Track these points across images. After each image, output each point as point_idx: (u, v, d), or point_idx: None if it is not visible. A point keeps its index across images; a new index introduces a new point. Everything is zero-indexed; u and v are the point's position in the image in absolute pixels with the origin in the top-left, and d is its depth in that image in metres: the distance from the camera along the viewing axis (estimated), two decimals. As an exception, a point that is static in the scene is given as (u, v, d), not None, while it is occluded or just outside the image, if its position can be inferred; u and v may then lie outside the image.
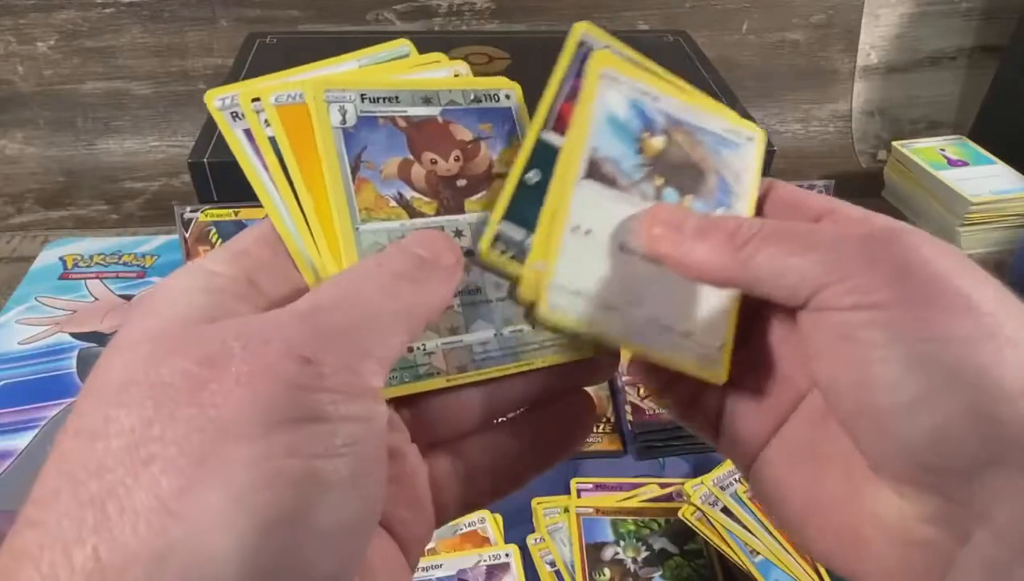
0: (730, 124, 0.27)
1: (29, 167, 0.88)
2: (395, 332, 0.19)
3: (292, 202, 0.22)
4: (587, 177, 0.24)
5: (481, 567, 0.47)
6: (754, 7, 0.93)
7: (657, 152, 0.25)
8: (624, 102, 0.25)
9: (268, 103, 0.23)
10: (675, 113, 0.26)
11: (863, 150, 0.98)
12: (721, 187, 0.25)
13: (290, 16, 0.88)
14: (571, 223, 0.23)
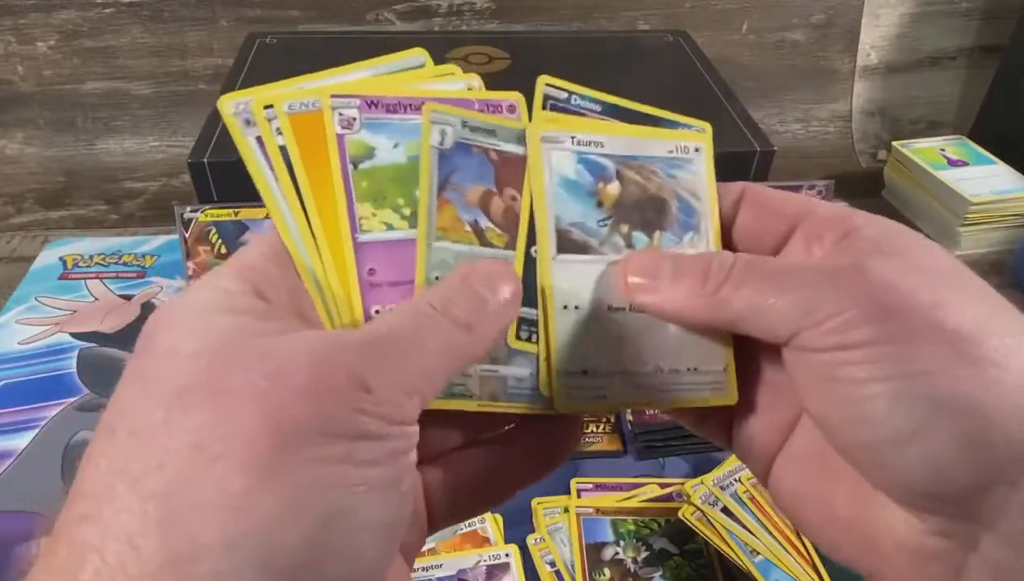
0: (673, 143, 0.27)
1: (29, 167, 0.88)
2: (440, 373, 0.20)
3: (300, 214, 0.22)
4: (560, 252, 0.24)
5: (481, 567, 0.47)
6: (754, 7, 0.93)
7: (615, 198, 0.25)
8: (570, 160, 0.25)
9: (281, 111, 0.22)
10: (621, 152, 0.26)
11: (863, 150, 0.98)
12: (684, 210, 0.26)
13: (290, 16, 0.88)
14: (559, 304, 0.24)
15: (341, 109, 0.23)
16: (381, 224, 0.22)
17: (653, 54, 0.77)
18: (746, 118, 0.65)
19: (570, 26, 0.92)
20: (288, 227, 0.22)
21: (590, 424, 0.57)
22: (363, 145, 0.23)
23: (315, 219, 0.22)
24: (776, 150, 0.62)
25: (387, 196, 0.23)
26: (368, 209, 0.22)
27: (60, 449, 0.54)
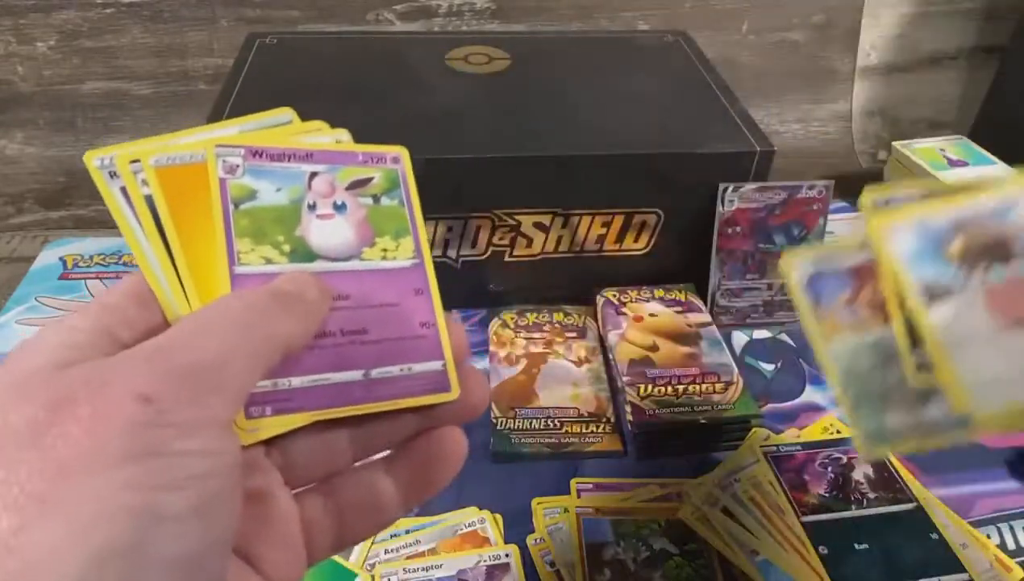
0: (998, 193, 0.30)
1: (29, 167, 0.88)
2: (246, 366, 0.20)
3: (164, 256, 0.23)
4: (931, 301, 0.28)
5: (481, 567, 0.47)
6: (754, 7, 0.93)
7: (961, 251, 0.28)
8: (912, 235, 0.29)
9: (148, 164, 0.24)
10: (956, 216, 0.29)
11: (863, 150, 0.98)
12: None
13: (290, 16, 0.88)
14: (952, 345, 0.27)
15: (225, 157, 0.25)
16: (260, 258, 0.24)
17: (653, 54, 0.77)
18: (746, 118, 0.65)
19: (570, 26, 0.92)
20: (152, 269, 0.23)
21: (590, 424, 0.57)
22: (245, 188, 0.25)
23: (180, 259, 0.23)
24: (776, 150, 0.62)
25: (267, 233, 0.24)
26: (248, 244, 0.24)
27: (60, 449, 0.54)
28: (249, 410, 0.23)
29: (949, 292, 0.28)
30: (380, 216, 0.27)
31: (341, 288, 0.25)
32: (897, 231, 0.29)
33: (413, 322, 0.26)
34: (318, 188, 0.26)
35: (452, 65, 0.72)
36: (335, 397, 0.24)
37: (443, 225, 0.62)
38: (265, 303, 0.22)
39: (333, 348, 0.24)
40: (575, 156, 0.60)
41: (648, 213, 0.64)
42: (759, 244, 0.64)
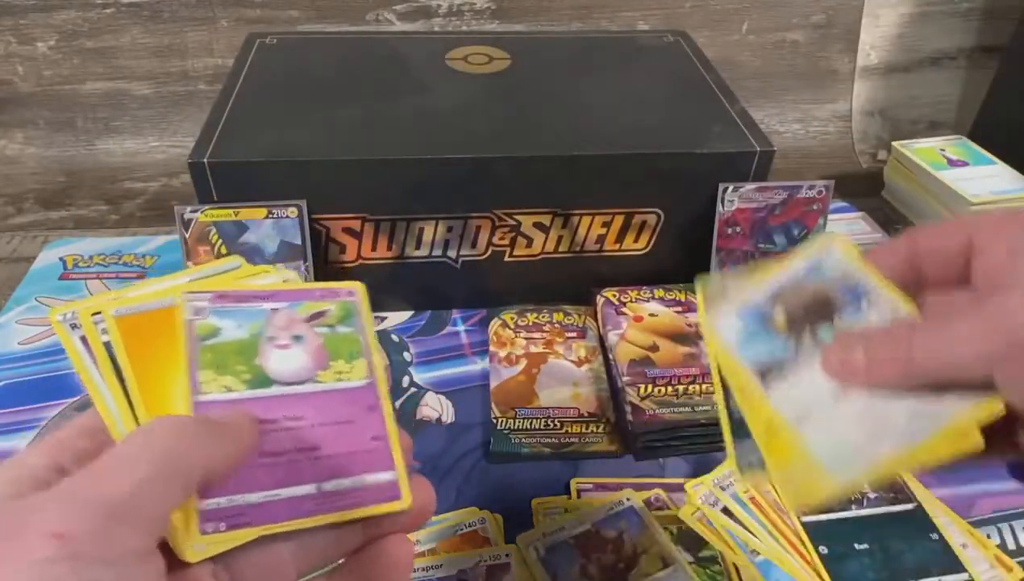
0: (808, 254, 0.31)
1: (29, 167, 0.88)
2: (161, 495, 0.21)
3: (120, 396, 0.25)
4: (765, 381, 0.28)
5: (481, 567, 0.47)
6: (754, 7, 0.93)
7: (784, 320, 0.29)
8: (736, 319, 0.30)
9: (108, 314, 0.26)
10: (774, 288, 0.30)
11: (863, 150, 0.98)
12: (846, 290, 0.29)
13: (290, 16, 0.88)
14: (792, 420, 0.27)
15: (192, 302, 0.27)
16: (221, 387, 0.26)
17: (653, 54, 0.77)
18: (746, 118, 0.65)
19: (570, 26, 0.92)
20: (108, 407, 0.25)
21: (590, 424, 0.57)
22: (210, 327, 0.27)
23: (136, 397, 0.25)
24: (776, 150, 0.62)
25: (228, 364, 0.27)
26: (210, 375, 0.26)
27: (60, 449, 0.54)
28: (204, 526, 0.24)
29: (783, 367, 0.28)
30: (336, 342, 0.29)
31: (296, 409, 0.27)
32: (723, 317, 0.30)
33: (365, 436, 0.28)
34: (277, 322, 0.28)
35: (452, 65, 0.72)
36: (288, 511, 0.25)
37: (443, 225, 0.62)
38: (187, 429, 0.23)
39: (286, 465, 0.26)
40: (575, 156, 0.60)
41: (648, 213, 0.64)
42: (759, 244, 0.64)
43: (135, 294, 0.27)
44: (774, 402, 0.27)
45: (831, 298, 0.29)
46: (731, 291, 0.31)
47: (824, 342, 0.28)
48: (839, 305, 0.29)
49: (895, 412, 0.26)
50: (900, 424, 0.26)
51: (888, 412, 0.26)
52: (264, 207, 0.57)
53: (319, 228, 0.61)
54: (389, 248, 0.63)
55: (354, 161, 0.58)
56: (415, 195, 0.60)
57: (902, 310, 0.28)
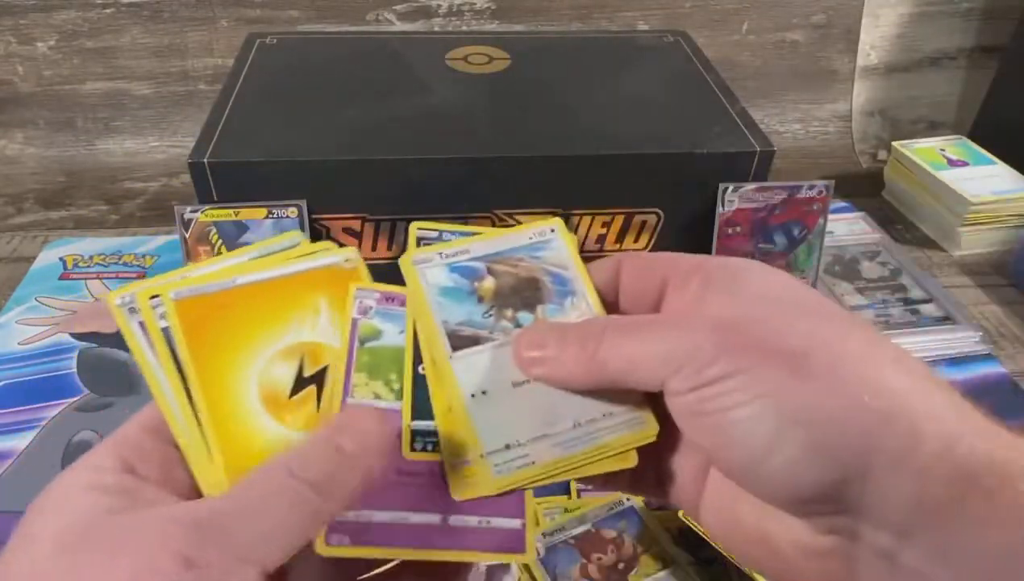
0: (530, 230, 0.31)
1: (29, 167, 0.88)
2: (288, 540, 0.21)
3: (179, 387, 0.25)
4: (455, 350, 0.27)
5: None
6: (754, 7, 0.93)
7: (493, 290, 0.28)
8: (443, 272, 0.29)
9: (167, 297, 0.25)
10: (487, 252, 0.29)
11: (863, 150, 0.98)
12: (557, 281, 0.29)
13: (290, 16, 0.88)
14: (467, 394, 0.26)
15: (362, 298, 0.27)
16: (371, 393, 0.26)
17: (653, 54, 0.77)
18: (746, 118, 0.65)
19: (570, 26, 0.92)
20: (168, 399, 0.25)
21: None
22: (373, 328, 0.27)
23: (196, 387, 0.24)
24: (776, 150, 0.62)
25: (382, 371, 0.27)
26: (363, 379, 0.26)
27: (60, 449, 0.54)
28: (329, 537, 0.24)
29: (479, 338, 0.27)
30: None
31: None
32: (429, 266, 0.29)
33: None
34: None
35: (452, 65, 0.72)
36: (412, 537, 0.25)
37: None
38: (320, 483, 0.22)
39: (419, 489, 0.25)
40: (575, 156, 0.60)
41: (648, 213, 0.64)
42: (759, 244, 0.64)
43: (196, 274, 0.26)
44: (457, 374, 0.26)
45: (541, 285, 0.29)
46: (444, 241, 0.30)
47: (523, 325, 0.28)
48: (546, 294, 0.29)
49: (565, 417, 0.26)
50: (566, 432, 0.26)
51: (559, 416, 0.26)
52: (264, 207, 0.57)
53: (319, 228, 0.61)
54: (389, 248, 0.63)
55: (354, 161, 0.58)
56: (415, 195, 0.60)
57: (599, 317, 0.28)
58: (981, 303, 0.72)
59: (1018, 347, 0.66)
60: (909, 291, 0.70)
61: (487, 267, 0.29)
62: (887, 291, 0.70)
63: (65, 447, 0.54)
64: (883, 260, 0.74)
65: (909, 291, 0.70)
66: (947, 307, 0.68)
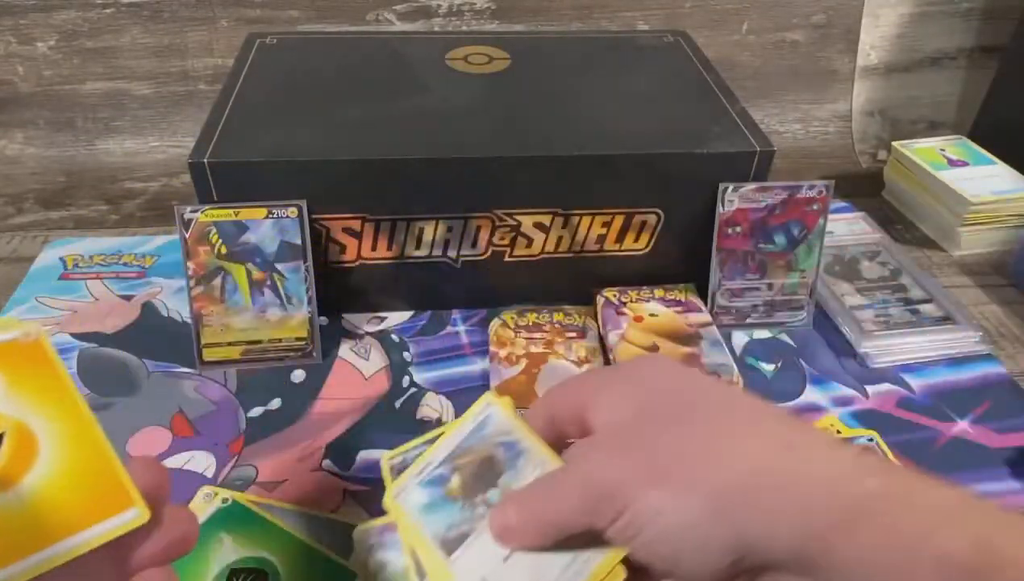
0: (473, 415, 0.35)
1: (29, 167, 0.88)
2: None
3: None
4: (449, 555, 0.30)
5: None
6: (754, 7, 0.93)
7: (460, 485, 0.32)
8: (419, 492, 0.32)
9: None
10: (446, 453, 0.33)
11: (863, 150, 0.98)
12: (507, 448, 0.32)
13: (290, 16, 0.88)
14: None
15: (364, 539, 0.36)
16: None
17: (653, 54, 0.77)
18: (746, 118, 0.65)
19: (570, 26, 0.92)
20: None
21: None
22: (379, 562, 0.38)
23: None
24: (776, 150, 0.62)
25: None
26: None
27: (60, 449, 0.54)
28: None
29: (465, 533, 0.30)
30: None
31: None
32: (405, 492, 0.32)
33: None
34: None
35: (452, 65, 0.72)
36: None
37: (443, 225, 0.62)
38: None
39: None
40: (575, 156, 0.60)
41: (648, 213, 0.64)
42: (759, 244, 0.64)
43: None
44: (457, 572, 0.29)
45: (495, 458, 0.32)
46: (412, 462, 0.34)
47: (493, 503, 0.31)
48: (502, 465, 0.32)
49: (552, 568, 0.29)
50: (556, 577, 0.29)
51: (545, 570, 0.29)
52: (264, 207, 0.57)
53: (319, 228, 0.61)
54: (389, 248, 0.63)
55: (354, 161, 0.58)
56: (415, 195, 0.60)
57: (549, 465, 0.31)
58: (981, 303, 0.72)
59: (1018, 347, 0.66)
60: (909, 291, 0.70)
61: (451, 467, 0.33)
62: (887, 291, 0.70)
63: (65, 447, 0.54)
64: (883, 260, 0.74)
65: (909, 291, 0.70)
66: (947, 307, 0.68)
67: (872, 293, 0.70)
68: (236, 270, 0.58)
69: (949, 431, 0.58)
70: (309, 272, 0.59)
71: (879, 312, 0.68)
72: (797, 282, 0.66)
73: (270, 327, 0.60)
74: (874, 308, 0.68)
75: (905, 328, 0.66)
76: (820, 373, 0.63)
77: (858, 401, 0.60)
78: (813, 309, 0.67)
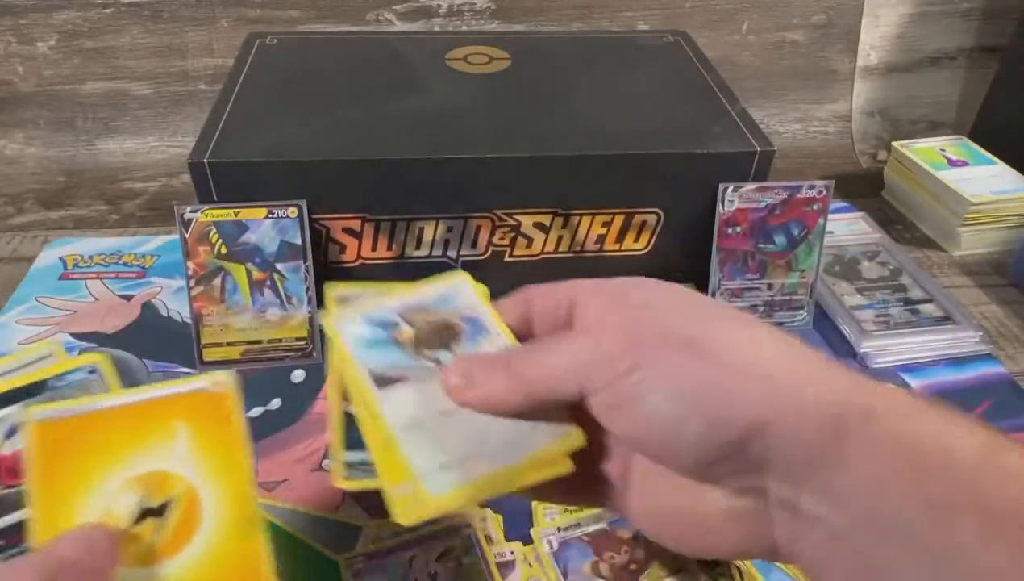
0: (441, 286, 0.33)
1: (29, 167, 0.88)
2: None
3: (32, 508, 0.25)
4: (381, 388, 0.28)
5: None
6: (754, 7, 0.93)
7: (411, 336, 0.31)
8: (363, 326, 0.31)
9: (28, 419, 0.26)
10: (403, 306, 0.32)
11: (863, 150, 0.98)
12: (470, 323, 0.31)
13: (290, 16, 0.88)
14: (398, 426, 0.28)
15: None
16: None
17: (653, 54, 0.77)
18: (746, 118, 0.65)
19: (570, 26, 0.92)
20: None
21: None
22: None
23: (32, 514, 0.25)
24: (776, 150, 0.62)
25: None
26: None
27: (60, 449, 0.54)
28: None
29: (404, 378, 0.29)
30: None
31: None
32: (348, 322, 0.31)
33: None
34: None
35: (452, 65, 0.72)
36: None
37: (443, 225, 0.62)
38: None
39: None
40: (575, 156, 0.60)
41: (648, 213, 0.64)
42: (759, 244, 0.64)
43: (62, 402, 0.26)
44: (385, 410, 0.28)
45: (455, 326, 0.31)
46: (360, 300, 0.32)
47: (444, 362, 0.30)
48: (461, 335, 0.31)
49: (494, 435, 0.28)
50: (497, 447, 0.27)
51: (489, 435, 0.28)
52: (264, 207, 0.57)
53: (319, 228, 0.61)
54: (389, 248, 0.63)
55: (354, 161, 0.58)
56: (415, 195, 0.60)
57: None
58: (981, 303, 0.72)
59: (1018, 347, 0.66)
60: (909, 291, 0.70)
61: (403, 317, 0.31)
62: (887, 291, 0.70)
63: (65, 447, 0.54)
64: (883, 260, 0.74)
65: (909, 291, 0.70)
66: (947, 307, 0.68)
67: (872, 293, 0.70)
68: (236, 270, 0.58)
69: (949, 431, 0.58)
70: (309, 272, 0.59)
71: (879, 312, 0.68)
72: (797, 282, 0.66)
73: (270, 327, 0.60)
74: (874, 308, 0.68)
75: (905, 328, 0.66)
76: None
77: (858, 401, 0.60)
78: (813, 309, 0.67)
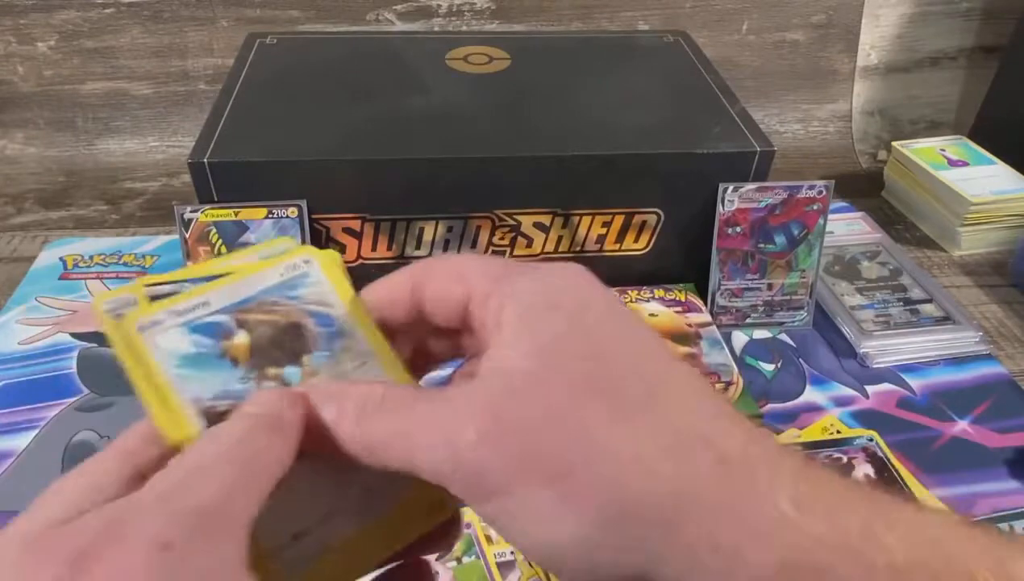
0: (280, 266, 0.25)
1: (29, 167, 0.87)
2: (246, 503, 0.19)
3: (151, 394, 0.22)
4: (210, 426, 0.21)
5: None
6: (754, 7, 0.93)
7: (246, 347, 0.23)
8: (180, 335, 0.23)
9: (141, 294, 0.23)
10: (232, 300, 0.24)
11: (863, 150, 0.98)
12: (323, 322, 0.24)
13: (290, 16, 0.88)
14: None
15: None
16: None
17: (653, 54, 0.77)
18: (746, 118, 0.65)
19: (570, 26, 0.92)
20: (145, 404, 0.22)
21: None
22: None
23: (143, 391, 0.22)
24: (776, 150, 0.62)
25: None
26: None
27: (60, 449, 0.54)
28: None
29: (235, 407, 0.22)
30: None
31: None
32: (160, 331, 0.23)
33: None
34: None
35: (452, 65, 0.72)
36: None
37: (443, 225, 0.62)
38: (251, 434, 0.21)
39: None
40: (575, 156, 0.60)
41: (648, 213, 0.64)
42: (759, 244, 0.64)
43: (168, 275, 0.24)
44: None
45: (304, 330, 0.24)
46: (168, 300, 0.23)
47: (292, 383, 0.23)
48: (311, 341, 0.24)
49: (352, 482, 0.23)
50: (357, 497, 0.23)
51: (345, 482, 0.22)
52: (264, 207, 0.57)
53: (319, 228, 0.61)
54: (389, 248, 0.63)
55: (354, 161, 0.58)
56: (415, 195, 0.60)
57: (375, 364, 0.24)
58: (981, 303, 0.72)
59: (1018, 347, 0.66)
60: (909, 291, 0.70)
61: (236, 319, 0.23)
62: (887, 291, 0.70)
63: (65, 447, 0.54)
64: (883, 260, 0.74)
65: (909, 291, 0.70)
66: (947, 307, 0.68)
67: (872, 293, 0.70)
68: (236, 270, 0.58)
69: (949, 431, 0.58)
70: (309, 272, 0.59)
71: (879, 312, 0.68)
72: (797, 282, 0.66)
73: (270, 327, 0.60)
74: (874, 308, 0.68)
75: (905, 328, 0.66)
76: (820, 373, 0.63)
77: (858, 401, 0.60)
78: (813, 309, 0.67)
